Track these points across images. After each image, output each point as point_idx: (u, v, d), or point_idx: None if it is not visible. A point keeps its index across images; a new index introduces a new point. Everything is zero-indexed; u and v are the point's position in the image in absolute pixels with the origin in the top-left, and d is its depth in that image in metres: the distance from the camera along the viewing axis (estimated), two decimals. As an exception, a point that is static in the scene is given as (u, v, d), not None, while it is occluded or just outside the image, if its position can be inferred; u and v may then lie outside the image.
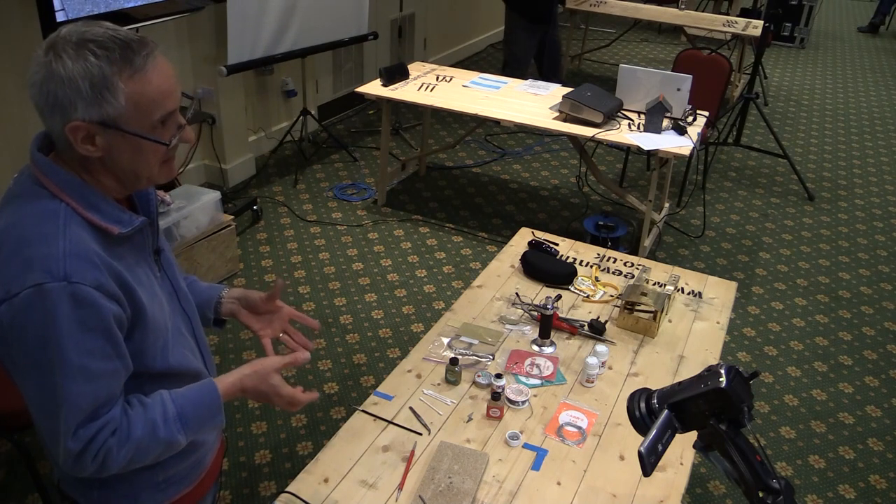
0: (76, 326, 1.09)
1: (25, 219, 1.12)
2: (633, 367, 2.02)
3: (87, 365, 1.11)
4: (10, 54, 3.23)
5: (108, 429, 1.15)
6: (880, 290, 3.92)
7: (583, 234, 3.97)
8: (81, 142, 1.11)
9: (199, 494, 1.45)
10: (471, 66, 6.84)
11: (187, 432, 1.24)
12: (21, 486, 2.55)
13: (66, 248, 1.09)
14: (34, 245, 1.09)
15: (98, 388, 1.14)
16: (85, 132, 1.10)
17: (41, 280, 1.07)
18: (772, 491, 1.19)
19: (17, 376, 1.14)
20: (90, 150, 1.12)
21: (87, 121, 1.09)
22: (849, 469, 2.78)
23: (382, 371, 3.15)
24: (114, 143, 1.13)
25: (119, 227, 1.17)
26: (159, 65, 1.13)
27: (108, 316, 1.12)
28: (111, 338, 1.14)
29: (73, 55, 1.07)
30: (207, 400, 1.28)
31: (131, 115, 1.11)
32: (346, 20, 4.70)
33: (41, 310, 1.07)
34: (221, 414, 1.30)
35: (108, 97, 1.08)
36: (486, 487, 1.62)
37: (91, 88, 1.07)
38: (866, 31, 9.38)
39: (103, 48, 1.08)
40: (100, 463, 1.16)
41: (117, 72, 1.08)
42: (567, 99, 3.75)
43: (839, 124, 6.20)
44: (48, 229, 1.11)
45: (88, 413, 1.13)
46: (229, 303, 1.52)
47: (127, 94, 1.09)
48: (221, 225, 3.61)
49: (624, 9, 6.51)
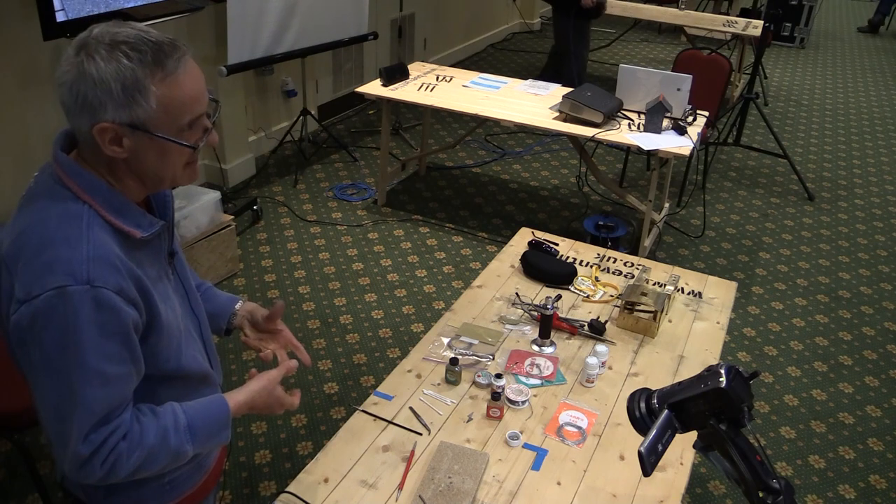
0: (96, 330, 1.09)
1: (48, 220, 1.11)
2: (633, 367, 2.02)
3: (105, 369, 1.11)
4: (10, 54, 3.23)
5: (119, 433, 1.15)
6: (880, 290, 3.92)
7: (583, 234, 3.97)
8: (109, 143, 1.11)
9: (201, 495, 1.45)
10: (471, 66, 6.84)
11: (195, 444, 1.24)
12: (21, 486, 2.55)
13: (89, 251, 1.09)
14: (57, 247, 1.09)
15: (112, 393, 1.13)
16: (113, 134, 1.10)
17: (63, 283, 1.06)
18: (772, 491, 1.19)
19: (31, 377, 1.13)
20: (116, 152, 1.12)
21: (116, 122, 1.09)
22: (849, 469, 2.78)
23: (382, 371, 3.15)
24: (140, 146, 1.12)
25: (141, 230, 1.17)
26: (190, 69, 1.12)
27: (128, 321, 1.12)
28: (128, 343, 1.14)
29: (105, 56, 1.06)
30: (216, 415, 1.28)
31: (161, 119, 1.10)
32: (345, 20, 4.70)
33: (62, 313, 1.07)
34: (229, 430, 1.30)
35: (139, 100, 1.08)
36: (486, 487, 1.62)
37: (122, 90, 1.07)
38: (866, 31, 9.38)
39: (136, 50, 1.07)
40: (108, 468, 1.15)
41: (149, 74, 1.08)
42: (567, 99, 3.75)
43: (839, 124, 6.20)
44: (71, 231, 1.10)
45: (101, 417, 1.13)
46: (241, 316, 1.55)
47: (158, 97, 1.09)
48: (221, 225, 3.61)
49: (624, 9, 6.51)
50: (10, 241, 1.12)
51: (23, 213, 1.14)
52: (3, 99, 3.26)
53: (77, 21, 3.10)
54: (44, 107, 3.42)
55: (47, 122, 3.44)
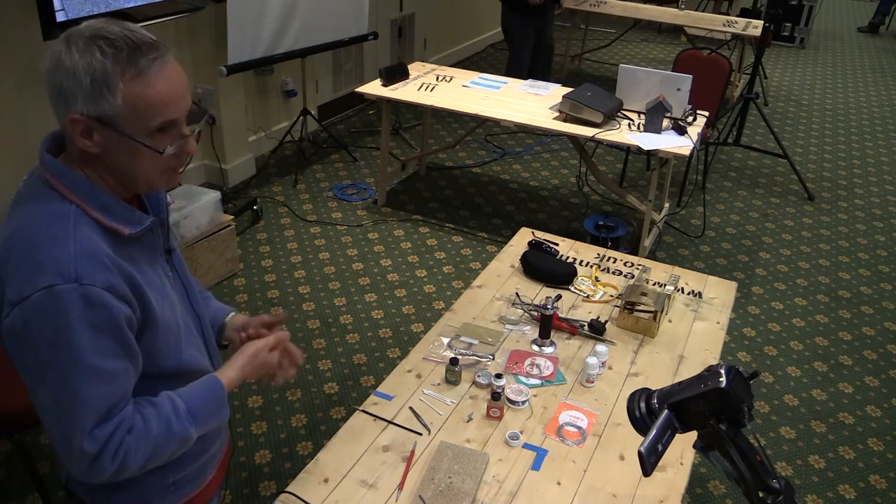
0: (88, 327, 1.09)
1: (35, 221, 1.12)
2: (633, 367, 2.02)
3: (101, 365, 1.11)
4: (10, 54, 3.23)
5: (124, 427, 1.15)
6: (880, 290, 3.92)
7: (583, 234, 3.97)
8: (80, 135, 1.11)
9: (205, 497, 1.45)
10: (471, 66, 6.84)
11: (198, 426, 1.26)
12: (21, 486, 2.55)
13: (76, 249, 1.09)
14: (45, 247, 1.09)
15: (111, 389, 1.14)
16: (83, 126, 1.10)
17: (52, 282, 1.07)
18: (772, 491, 1.19)
19: (28, 380, 1.13)
20: (87, 145, 1.12)
21: (86, 115, 1.09)
22: (849, 469, 2.78)
23: (382, 371, 3.15)
24: (110, 142, 1.12)
25: (129, 227, 1.17)
26: (167, 71, 1.11)
27: (119, 316, 1.12)
28: (122, 338, 1.14)
29: (81, 48, 1.07)
30: (213, 394, 1.29)
31: (128, 117, 1.10)
32: (346, 20, 4.70)
33: (53, 312, 1.07)
34: (226, 407, 1.32)
35: (106, 94, 1.08)
36: (486, 487, 1.62)
37: (91, 83, 1.07)
38: (866, 31, 9.38)
39: (112, 46, 1.08)
40: (119, 463, 1.15)
41: (119, 71, 1.08)
42: (567, 99, 3.75)
43: (839, 124, 6.20)
44: (58, 231, 1.10)
45: (103, 413, 1.13)
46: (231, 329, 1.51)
47: (125, 95, 1.09)
48: (221, 225, 3.61)
49: (624, 9, 6.51)
50: (0, 245, 1.12)
51: (11, 217, 1.15)
52: (2, 99, 3.27)
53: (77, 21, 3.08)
54: (44, 107, 3.41)
55: (47, 122, 3.44)
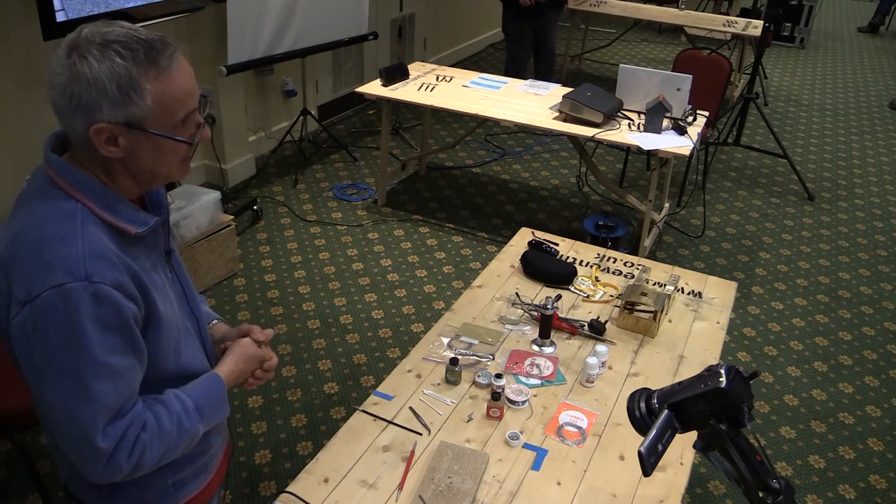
0: (99, 325, 1.09)
1: (42, 220, 1.11)
2: (633, 367, 2.02)
3: (111, 362, 1.11)
4: (10, 55, 3.23)
5: (137, 424, 1.16)
6: (880, 290, 3.92)
7: (583, 234, 3.97)
8: (105, 143, 1.11)
9: (206, 497, 1.45)
10: (471, 66, 6.84)
11: (205, 423, 1.27)
12: (21, 486, 2.55)
13: (85, 248, 1.09)
14: (53, 246, 1.09)
15: (121, 386, 1.14)
16: (108, 134, 1.10)
17: (62, 280, 1.07)
18: (772, 491, 1.19)
19: (37, 379, 1.12)
20: (112, 152, 1.12)
21: (112, 122, 1.09)
22: (849, 469, 2.78)
23: (382, 371, 3.15)
24: (136, 144, 1.13)
25: (135, 226, 1.18)
26: (182, 64, 1.14)
27: (128, 314, 1.12)
28: (130, 335, 1.14)
29: (98, 56, 1.06)
30: (215, 390, 1.31)
31: (156, 116, 1.11)
32: (345, 20, 4.69)
33: (63, 310, 1.07)
34: (227, 403, 1.34)
35: (134, 98, 1.08)
36: (486, 487, 1.62)
37: (118, 89, 1.07)
38: (866, 31, 9.38)
39: (128, 49, 1.08)
40: (135, 461, 1.16)
41: (143, 73, 1.08)
42: (567, 99, 3.75)
43: (839, 124, 6.20)
44: (65, 230, 1.10)
45: (115, 410, 1.14)
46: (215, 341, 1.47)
47: (153, 95, 1.09)
48: (221, 225, 3.61)
49: (624, 9, 6.51)
50: (6, 245, 1.12)
51: (16, 216, 1.15)
52: (3, 99, 3.26)
53: (77, 21, 3.09)
54: (44, 107, 3.42)
55: (47, 122, 3.44)
